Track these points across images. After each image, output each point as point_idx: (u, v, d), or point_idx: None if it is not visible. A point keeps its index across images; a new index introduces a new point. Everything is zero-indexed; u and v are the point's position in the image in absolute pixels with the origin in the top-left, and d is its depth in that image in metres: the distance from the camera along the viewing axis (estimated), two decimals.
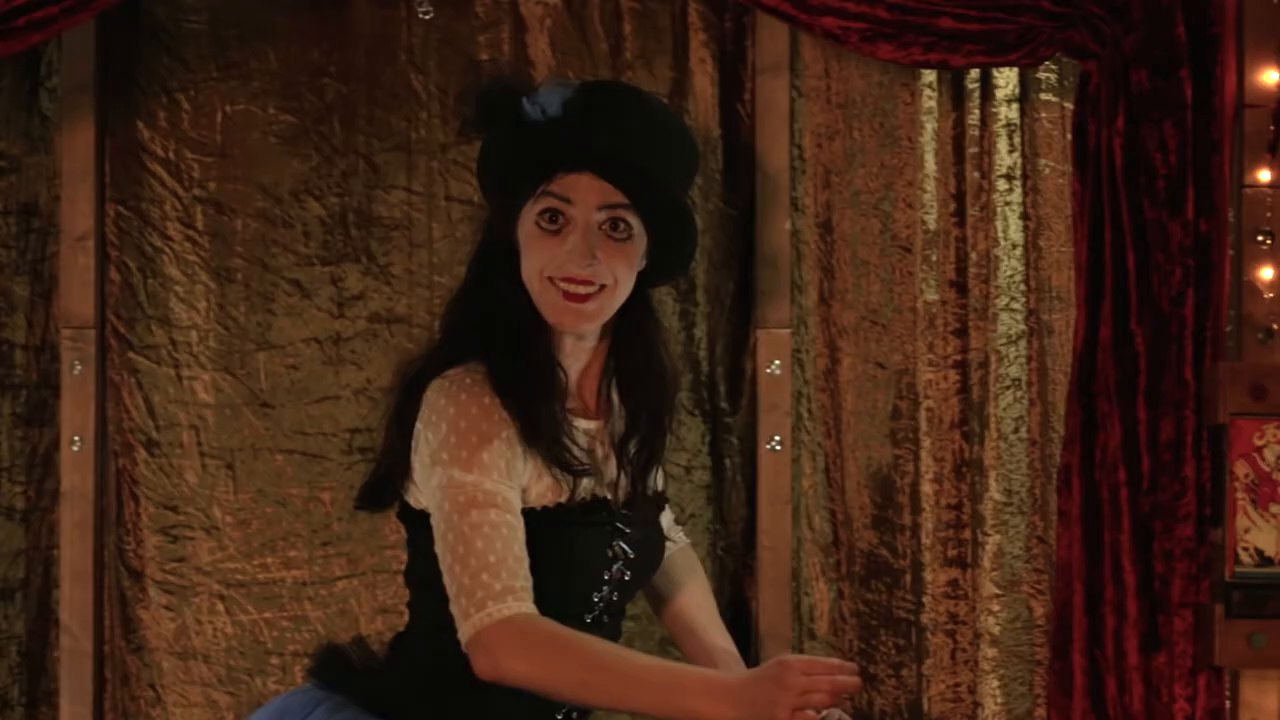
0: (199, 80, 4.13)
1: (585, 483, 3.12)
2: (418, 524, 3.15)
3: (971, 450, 4.08)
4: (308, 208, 4.12)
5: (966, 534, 4.07)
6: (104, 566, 4.12)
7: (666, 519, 3.48)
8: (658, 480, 3.32)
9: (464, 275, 3.23)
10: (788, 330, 4.07)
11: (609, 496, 3.16)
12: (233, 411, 4.09)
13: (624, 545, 3.17)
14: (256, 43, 4.12)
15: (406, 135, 4.11)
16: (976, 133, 4.08)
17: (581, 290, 3.06)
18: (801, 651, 4.05)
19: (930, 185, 4.09)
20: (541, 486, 3.08)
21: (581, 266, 3.05)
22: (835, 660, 2.89)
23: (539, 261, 3.07)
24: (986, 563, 4.05)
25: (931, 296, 4.09)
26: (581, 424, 3.17)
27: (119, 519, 4.13)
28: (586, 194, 3.05)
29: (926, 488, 4.08)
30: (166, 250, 4.13)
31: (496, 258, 3.16)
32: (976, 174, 4.08)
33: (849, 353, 4.11)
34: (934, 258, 4.09)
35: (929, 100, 4.09)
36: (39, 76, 4.16)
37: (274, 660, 4.11)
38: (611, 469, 3.18)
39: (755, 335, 4.08)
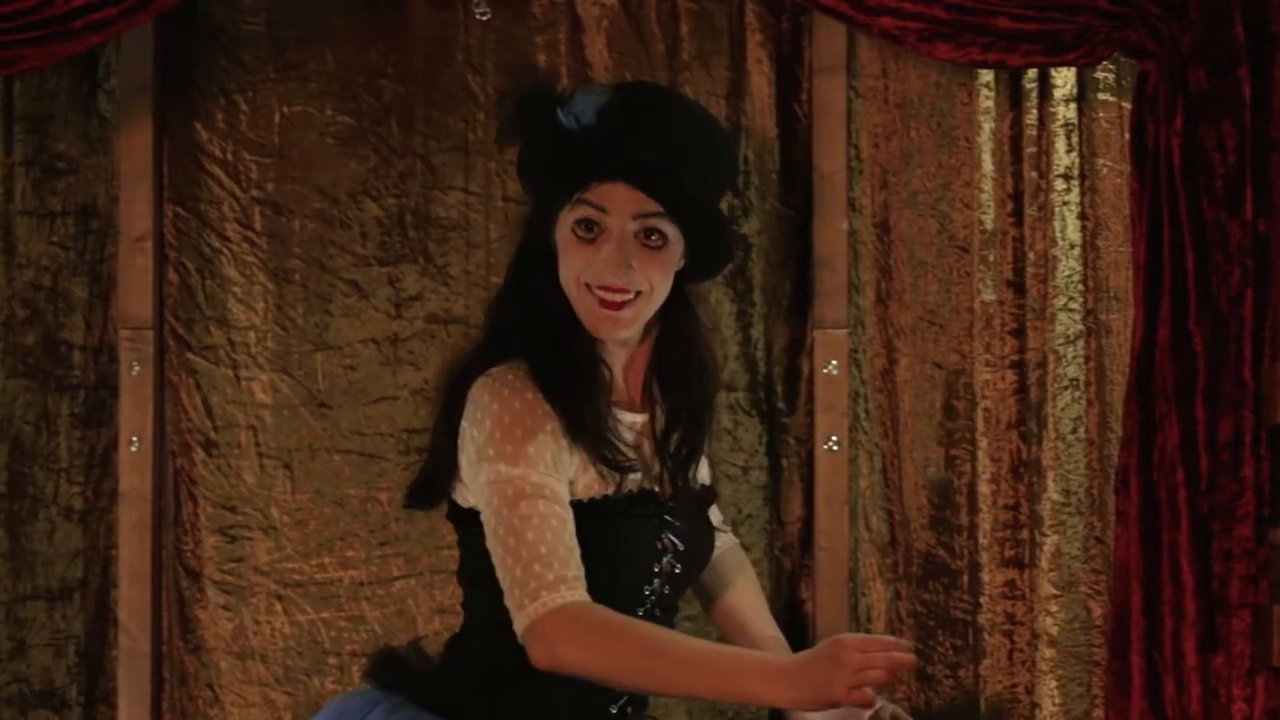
0: (257, 81, 4.15)
1: (632, 475, 3.16)
2: (467, 523, 3.19)
3: (1029, 451, 4.07)
4: (365, 209, 4.14)
5: (1024, 534, 4.07)
6: (162, 567, 4.15)
7: (715, 517, 3.52)
8: (704, 475, 3.36)
9: (506, 273, 3.28)
10: (845, 330, 4.07)
11: (656, 489, 3.20)
12: (290, 412, 4.11)
13: (672, 538, 3.20)
14: (314, 44, 4.15)
15: (464, 136, 4.13)
16: (1034, 132, 4.08)
17: (617, 298, 3.11)
18: None
19: (988, 185, 4.09)
20: (588, 479, 3.12)
21: (617, 276, 3.09)
22: (890, 638, 2.91)
23: (575, 268, 3.12)
24: (1044, 563, 4.05)
25: (989, 296, 4.09)
26: (626, 417, 3.21)
27: (177, 519, 4.15)
28: (621, 203, 3.08)
29: (984, 488, 4.08)
30: (224, 251, 4.16)
31: (536, 258, 3.21)
32: (1034, 174, 4.08)
33: (906, 353, 4.12)
34: (991, 258, 4.09)
35: (986, 100, 4.09)
36: (97, 78, 4.18)
37: (331, 660, 4.13)
38: (654, 462, 3.23)
39: (812, 336, 4.09)
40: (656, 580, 3.19)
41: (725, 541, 3.55)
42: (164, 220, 4.16)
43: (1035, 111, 4.08)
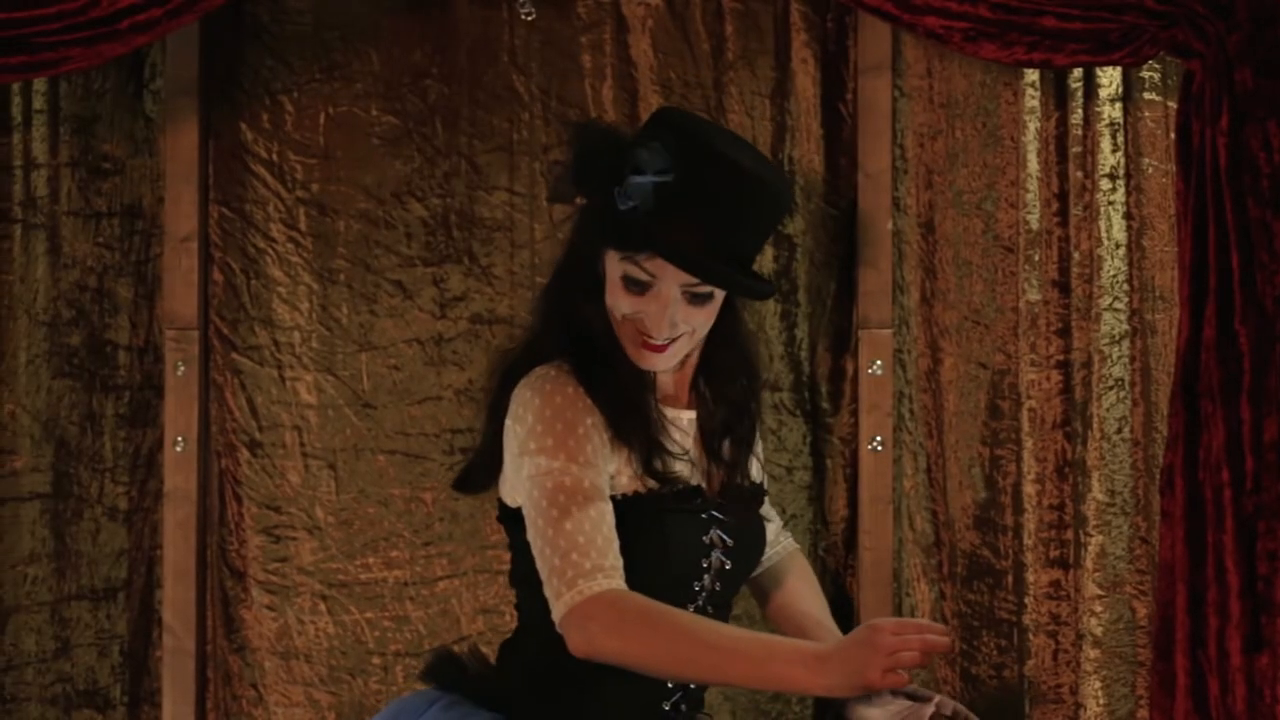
0: (302, 82, 4.17)
1: (679, 470, 3.21)
2: (516, 522, 3.23)
3: (1074, 451, 4.07)
4: (410, 209, 4.16)
5: (1069, 535, 4.07)
6: (207, 566, 4.17)
7: (774, 524, 3.56)
8: (755, 473, 3.39)
9: (551, 274, 3.33)
10: (889, 330, 4.08)
11: (703, 485, 3.24)
12: (335, 412, 4.12)
13: (721, 534, 3.24)
14: (359, 44, 4.16)
15: (509, 136, 4.15)
16: (1080, 132, 4.08)
17: (661, 342, 3.18)
18: None
19: (1033, 185, 4.10)
20: (631, 473, 3.17)
21: (660, 335, 3.16)
22: (924, 621, 2.93)
23: (621, 308, 3.18)
24: (1089, 563, 4.05)
25: (1034, 296, 4.09)
26: (675, 414, 3.27)
27: (222, 519, 4.18)
28: (670, 276, 3.14)
29: (1029, 488, 4.08)
30: (269, 251, 4.17)
31: (583, 276, 3.26)
32: (1080, 173, 4.08)
33: (951, 353, 4.13)
34: (1037, 257, 4.09)
35: (1032, 99, 4.10)
36: (143, 79, 4.21)
37: (375, 660, 4.15)
38: (702, 459, 3.28)
39: (857, 335, 4.10)
40: (707, 576, 3.22)
41: (786, 546, 3.61)
42: (209, 221, 4.18)
43: (1081, 111, 4.08)
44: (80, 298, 4.20)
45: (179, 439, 4.13)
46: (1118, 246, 4.07)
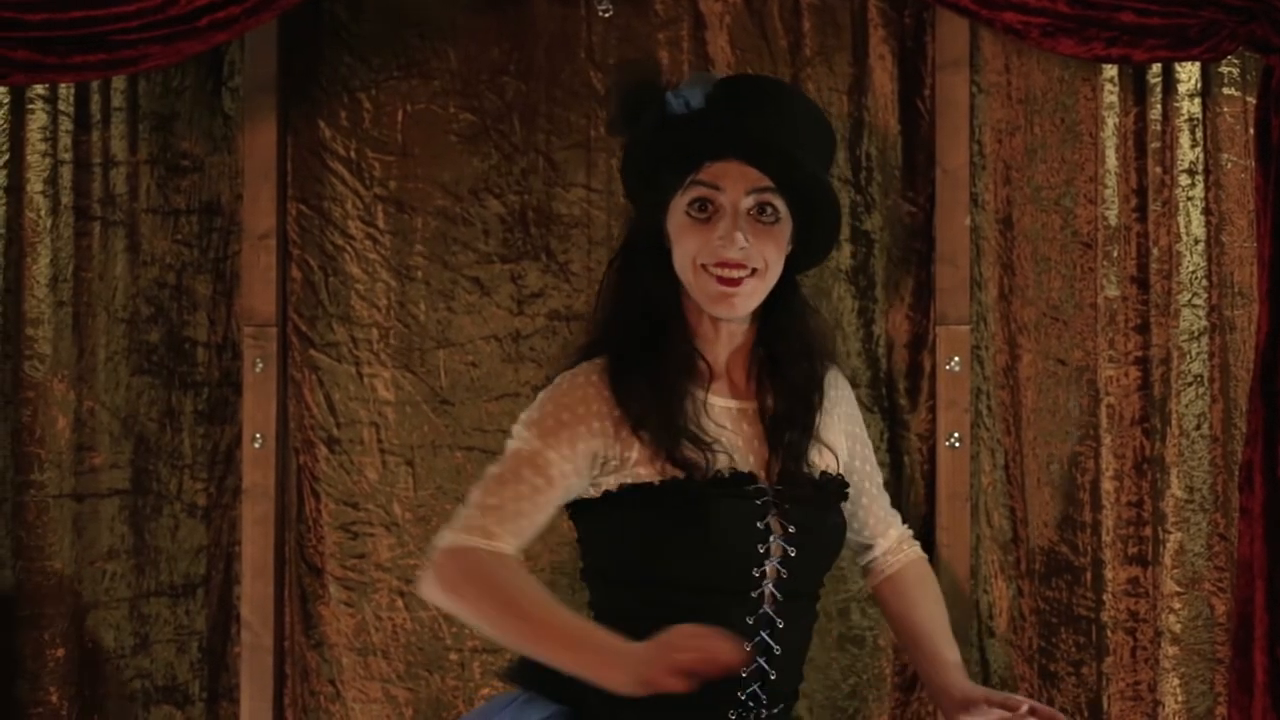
0: (380, 79, 4.22)
1: (723, 458, 3.28)
2: (584, 518, 3.35)
3: (1153, 447, 4.07)
4: (487, 206, 4.21)
5: (1147, 531, 4.08)
6: (285, 563, 4.23)
7: (896, 530, 3.65)
8: (830, 463, 3.43)
9: (606, 272, 3.44)
10: (967, 327, 4.10)
11: (754, 472, 3.31)
12: (412, 409, 4.16)
13: (781, 521, 3.30)
14: (437, 42, 4.21)
15: (586, 133, 4.19)
16: (1158, 127, 4.07)
17: (735, 274, 3.27)
18: (982, 651, 4.12)
19: (1111, 181, 4.10)
20: (660, 462, 3.26)
21: (733, 251, 3.25)
22: (724, 638, 2.97)
23: (692, 249, 3.28)
24: (1168, 560, 4.05)
25: (1113, 292, 4.09)
26: (721, 403, 3.35)
27: (300, 515, 4.24)
28: (735, 180, 3.26)
29: (1107, 485, 4.09)
30: (347, 248, 4.23)
31: (644, 256, 3.36)
32: (1158, 169, 4.08)
33: (1029, 349, 4.13)
34: (1115, 253, 4.09)
35: (1110, 95, 4.09)
36: (222, 76, 4.27)
37: (452, 656, 4.20)
38: (762, 447, 3.34)
39: (935, 332, 4.12)
40: (768, 563, 3.28)
41: (908, 554, 3.67)
42: (287, 218, 4.24)
43: (1159, 106, 4.07)
44: (159, 295, 4.27)
45: (257, 435, 4.19)
46: (1196, 242, 4.07)
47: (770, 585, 3.28)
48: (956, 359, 4.10)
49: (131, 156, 4.27)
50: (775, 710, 3.34)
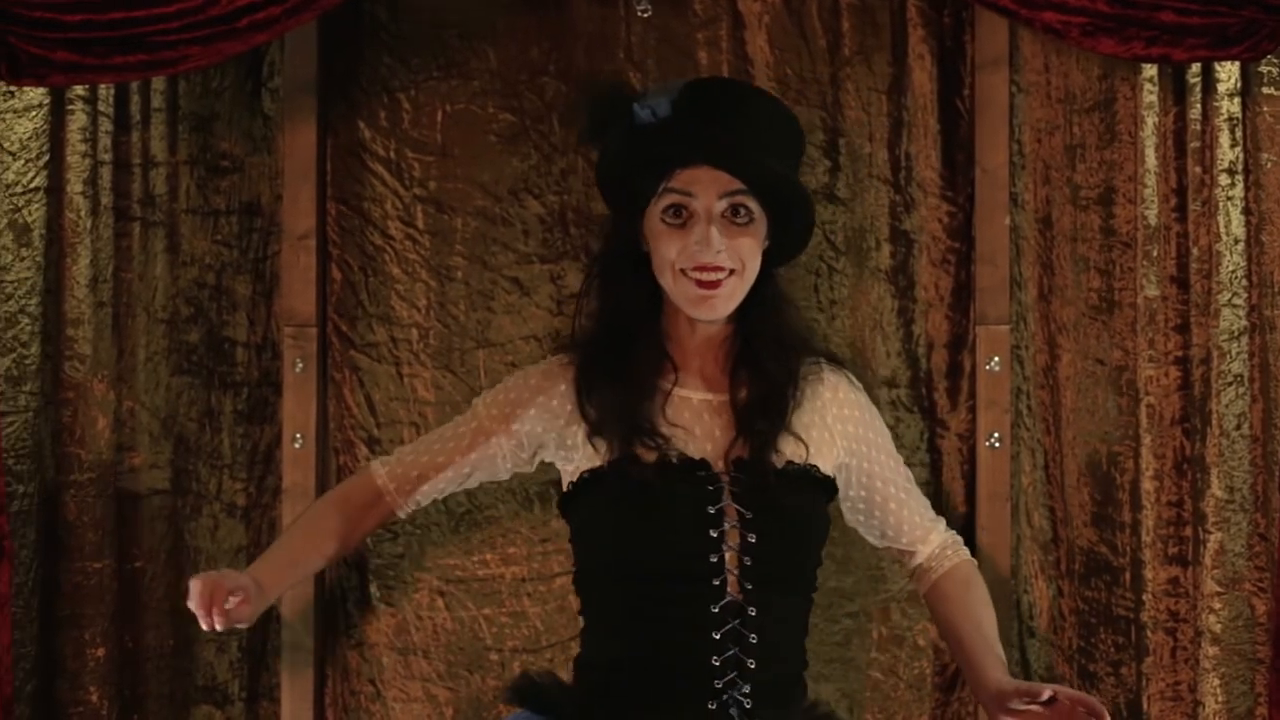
0: (420, 80, 4.25)
1: (675, 446, 3.44)
2: (565, 518, 3.63)
3: (1193, 447, 4.08)
4: (527, 206, 4.23)
5: (1187, 531, 4.09)
6: None
7: (939, 536, 3.72)
8: (799, 453, 3.53)
9: (591, 267, 3.63)
10: (1007, 326, 4.11)
11: (707, 459, 3.44)
12: (453, 409, 4.15)
13: (738, 508, 3.41)
14: (477, 42, 4.23)
15: None
16: (1198, 127, 4.08)
17: (713, 276, 3.41)
18: (1023, 650, 4.15)
19: (1151, 180, 4.11)
20: (612, 454, 3.45)
21: (709, 254, 3.39)
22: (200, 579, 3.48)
23: (670, 255, 3.43)
24: (1208, 560, 4.06)
25: (1152, 292, 4.11)
26: (689, 395, 3.52)
27: None
28: (707, 186, 3.41)
29: (1147, 485, 4.10)
30: (387, 249, 4.25)
31: (622, 260, 3.55)
32: (1198, 168, 4.09)
33: (1069, 349, 4.15)
34: (1155, 253, 4.11)
35: (1150, 94, 4.11)
36: (261, 77, 4.29)
37: (493, 656, 4.22)
38: (724, 436, 3.47)
39: (974, 332, 4.13)
40: (726, 550, 3.39)
41: (951, 558, 3.74)
42: (327, 218, 4.27)
43: (1199, 106, 4.08)
44: (199, 295, 4.29)
45: (297, 436, 4.22)
46: (1236, 242, 4.08)
47: (734, 572, 3.38)
48: (996, 359, 4.12)
49: (171, 157, 4.30)
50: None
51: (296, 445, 4.22)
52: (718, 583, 3.38)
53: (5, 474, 4.10)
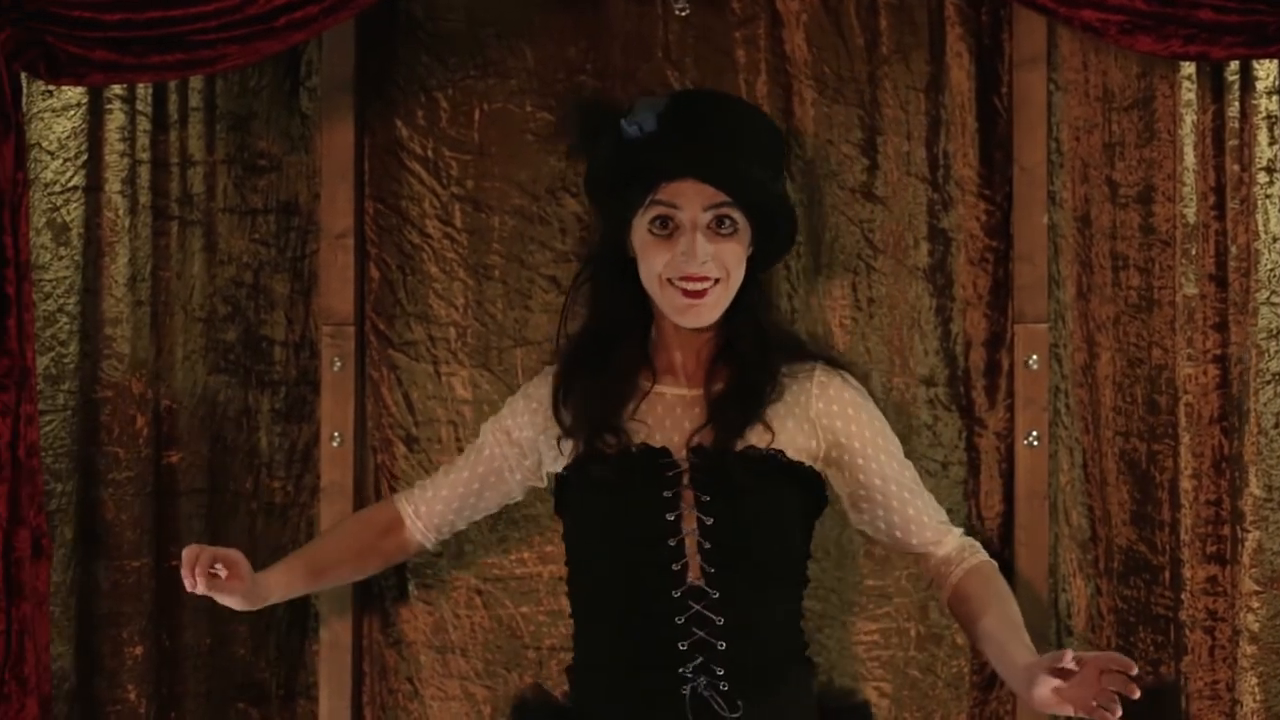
0: (457, 79, 4.27)
1: (638, 438, 3.58)
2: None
3: (1231, 445, 4.09)
4: (564, 205, 4.25)
5: (1226, 530, 4.10)
6: None
7: (954, 540, 3.76)
8: (765, 440, 3.61)
9: (579, 273, 3.76)
10: (1045, 325, 4.13)
11: (667, 447, 3.56)
12: (490, 407, 4.17)
13: (695, 492, 3.51)
14: (514, 41, 4.26)
15: None
16: (1236, 125, 4.09)
17: (698, 286, 3.54)
18: (1060, 648, 4.13)
19: (1189, 178, 4.12)
20: (581, 449, 3.60)
21: (695, 265, 3.52)
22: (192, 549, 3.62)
23: (657, 265, 3.56)
24: (1246, 559, 4.06)
25: (1191, 290, 4.12)
26: (664, 390, 3.65)
27: None
28: (692, 198, 3.53)
29: (1185, 483, 4.12)
30: (425, 248, 4.28)
31: (610, 267, 3.68)
32: (1236, 167, 4.09)
33: (1107, 347, 4.17)
34: (1193, 251, 4.12)
35: (1188, 92, 4.12)
36: (299, 76, 4.33)
37: (530, 654, 4.25)
38: (692, 426, 3.59)
39: (1012, 330, 4.15)
40: (685, 534, 3.50)
41: (969, 563, 3.77)
42: (365, 217, 4.30)
43: (1237, 104, 4.09)
44: (236, 294, 4.33)
45: (335, 434, 4.25)
46: (1275, 240, 4.08)
47: (696, 557, 3.47)
48: (1034, 357, 4.14)
49: (209, 156, 4.33)
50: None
51: (335, 444, 4.26)
52: (678, 567, 3.48)
53: (44, 472, 4.13)
